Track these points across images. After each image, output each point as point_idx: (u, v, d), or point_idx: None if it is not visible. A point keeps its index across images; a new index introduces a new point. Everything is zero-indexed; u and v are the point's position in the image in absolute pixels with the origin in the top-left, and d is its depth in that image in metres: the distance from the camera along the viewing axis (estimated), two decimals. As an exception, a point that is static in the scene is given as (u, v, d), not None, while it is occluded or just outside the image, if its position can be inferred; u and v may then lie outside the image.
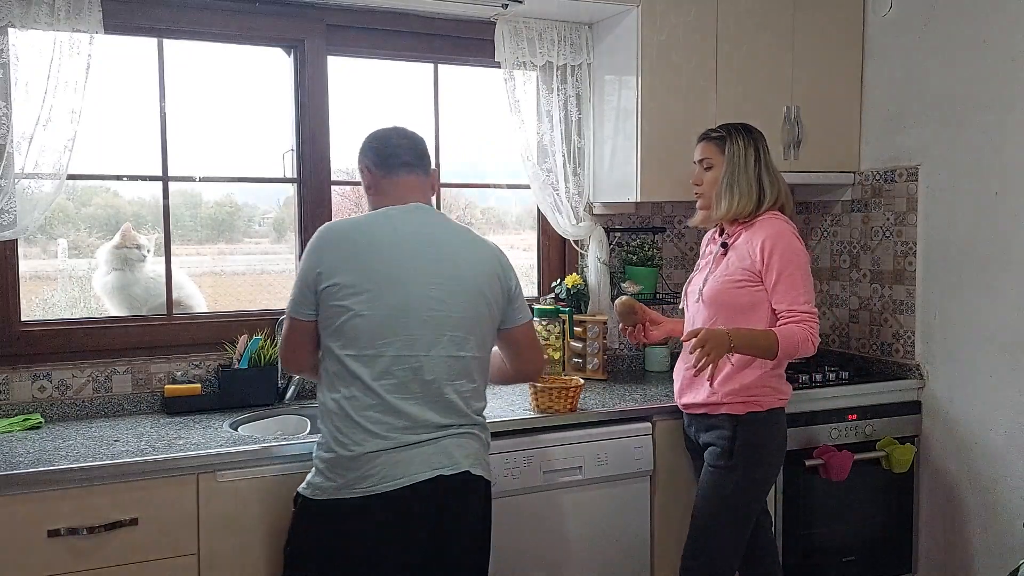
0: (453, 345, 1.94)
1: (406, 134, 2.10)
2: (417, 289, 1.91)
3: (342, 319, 1.89)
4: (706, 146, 2.49)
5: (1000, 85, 2.80)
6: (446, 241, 2.00)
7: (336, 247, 1.92)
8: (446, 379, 1.93)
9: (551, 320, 2.97)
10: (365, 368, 1.88)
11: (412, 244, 1.95)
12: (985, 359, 2.88)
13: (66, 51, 2.42)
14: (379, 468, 1.86)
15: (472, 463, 1.96)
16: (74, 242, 2.81)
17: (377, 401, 1.88)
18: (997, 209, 2.83)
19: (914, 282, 3.11)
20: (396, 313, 1.89)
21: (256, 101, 2.92)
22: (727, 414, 2.39)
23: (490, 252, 2.07)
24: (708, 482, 2.42)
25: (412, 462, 1.88)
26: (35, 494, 1.98)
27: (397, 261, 1.92)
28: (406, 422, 1.89)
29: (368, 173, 2.08)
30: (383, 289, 1.89)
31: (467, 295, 1.96)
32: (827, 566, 2.97)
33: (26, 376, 2.52)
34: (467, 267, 1.98)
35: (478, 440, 2.01)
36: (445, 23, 2.99)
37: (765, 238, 2.35)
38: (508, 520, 2.46)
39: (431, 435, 1.91)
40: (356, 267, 1.90)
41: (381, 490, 1.86)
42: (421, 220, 2.00)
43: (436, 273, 1.94)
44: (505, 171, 3.29)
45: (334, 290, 1.89)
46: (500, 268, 2.05)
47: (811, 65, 3.16)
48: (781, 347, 2.27)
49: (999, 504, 2.86)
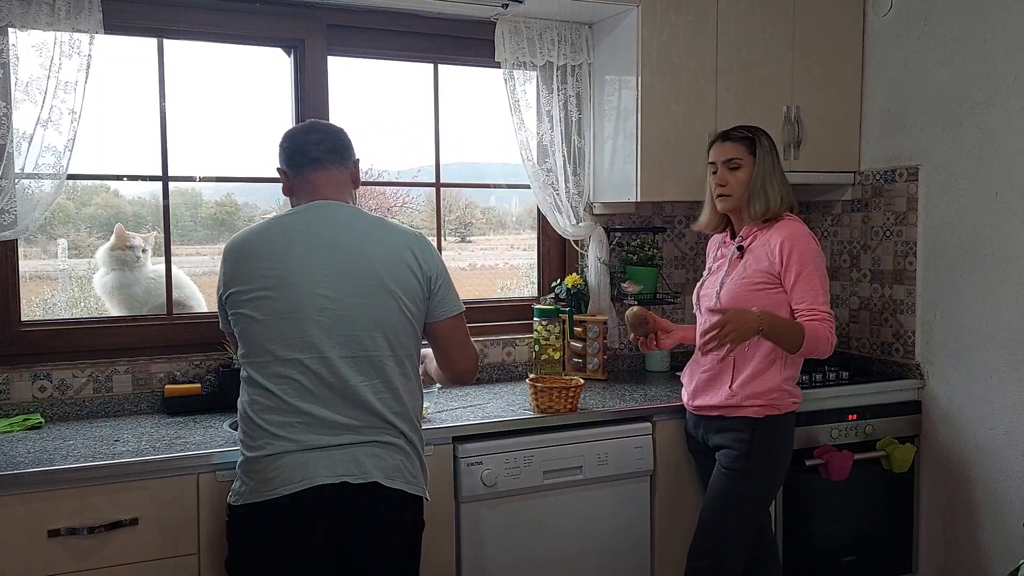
0: (353, 345, 1.86)
1: (317, 127, 2.04)
2: (307, 289, 1.85)
3: (240, 326, 1.89)
4: (734, 146, 2.46)
5: (1000, 85, 2.80)
6: (343, 237, 1.90)
7: (231, 258, 1.92)
8: (352, 379, 1.85)
9: (551, 320, 2.97)
10: (262, 372, 1.85)
11: (303, 244, 1.88)
12: (985, 359, 2.88)
13: (66, 51, 2.42)
14: (282, 470, 1.81)
15: (387, 475, 1.87)
16: (74, 242, 2.81)
17: (278, 403, 1.84)
18: (997, 209, 2.83)
19: (914, 282, 3.11)
20: (287, 316, 1.85)
21: (256, 101, 2.92)
22: (744, 417, 2.39)
23: (401, 242, 1.94)
24: (721, 484, 2.42)
25: (317, 464, 1.82)
26: (35, 494, 1.98)
27: (284, 264, 1.87)
28: (309, 420, 1.83)
29: (283, 174, 2.03)
30: (272, 293, 1.85)
31: (363, 290, 1.87)
32: (827, 566, 2.97)
33: (26, 376, 2.52)
34: (363, 261, 1.88)
35: (402, 452, 1.91)
36: (445, 23, 2.99)
37: (784, 239, 2.36)
38: (508, 520, 2.47)
39: (340, 438, 1.84)
40: (248, 274, 1.88)
41: (283, 492, 1.80)
42: (316, 218, 1.93)
43: (326, 271, 1.86)
44: (505, 171, 3.30)
45: (232, 299, 1.90)
46: (413, 259, 1.93)
47: (811, 65, 3.16)
48: (806, 342, 2.27)
49: (999, 504, 2.86)
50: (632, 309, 2.57)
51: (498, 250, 3.54)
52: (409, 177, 3.24)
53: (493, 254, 3.53)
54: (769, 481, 2.43)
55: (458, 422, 2.45)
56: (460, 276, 3.37)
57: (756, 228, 2.45)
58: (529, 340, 3.12)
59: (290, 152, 2.00)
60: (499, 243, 3.54)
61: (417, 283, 1.93)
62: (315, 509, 1.82)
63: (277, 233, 1.92)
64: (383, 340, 1.89)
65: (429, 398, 2.54)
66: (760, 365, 2.38)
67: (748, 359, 2.39)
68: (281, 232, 1.92)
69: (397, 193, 3.35)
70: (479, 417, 2.51)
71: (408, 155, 3.18)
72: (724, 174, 2.46)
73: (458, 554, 2.43)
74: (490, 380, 3.09)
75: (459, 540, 2.42)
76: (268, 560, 1.84)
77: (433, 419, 2.47)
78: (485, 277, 3.48)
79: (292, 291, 1.85)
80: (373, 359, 1.88)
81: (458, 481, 2.40)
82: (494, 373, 3.11)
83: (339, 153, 2.01)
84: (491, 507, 2.45)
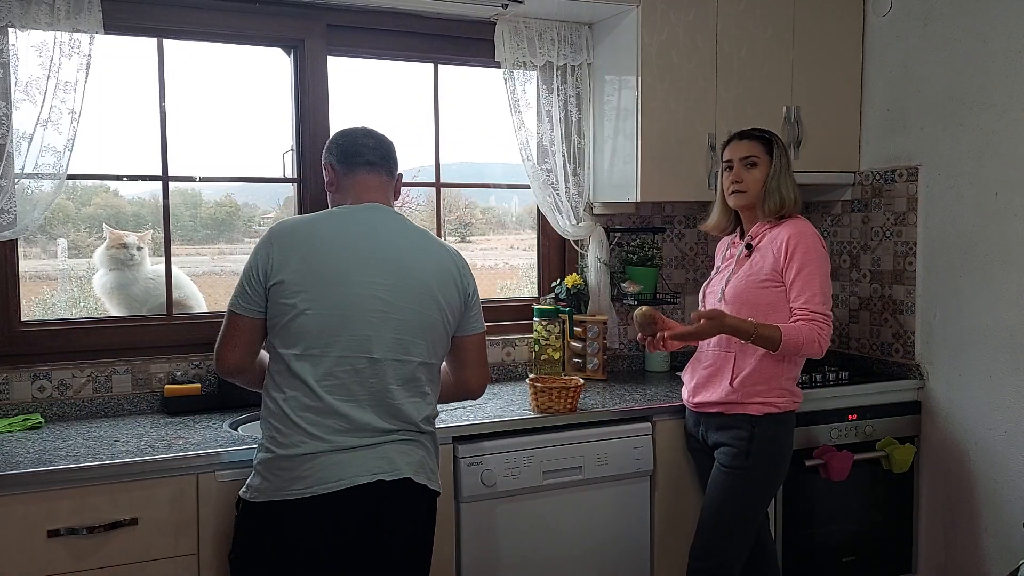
0: (399, 348, 1.88)
1: (374, 135, 2.06)
2: (362, 289, 1.86)
3: (286, 318, 1.85)
4: (751, 144, 2.49)
5: (1000, 85, 2.80)
6: (399, 243, 1.94)
7: (283, 244, 1.88)
8: (392, 383, 1.88)
9: (551, 320, 2.97)
10: (307, 368, 1.84)
11: (361, 244, 1.89)
12: (985, 359, 2.88)
13: (66, 51, 2.42)
14: (316, 470, 1.81)
15: (415, 471, 1.91)
16: (74, 242, 2.81)
17: (317, 402, 1.83)
18: (997, 209, 2.83)
19: (914, 282, 3.11)
20: (339, 313, 1.84)
21: (256, 101, 2.92)
22: (744, 414, 2.39)
23: (448, 257, 2.00)
24: (721, 482, 2.42)
25: (351, 465, 1.83)
26: (35, 494, 1.98)
27: (343, 260, 1.87)
28: (346, 425, 1.84)
29: (331, 169, 2.04)
30: (327, 288, 1.84)
31: (416, 298, 1.91)
32: (827, 566, 2.97)
33: (26, 376, 2.52)
34: (418, 270, 1.93)
35: (424, 449, 1.95)
36: (445, 23, 2.99)
37: (789, 236, 2.38)
38: (508, 520, 2.47)
39: (373, 439, 1.86)
40: (302, 265, 1.85)
41: (317, 492, 1.81)
42: (374, 220, 1.95)
43: (383, 274, 1.88)
44: (505, 171, 3.30)
45: (280, 288, 1.85)
46: (458, 273, 2.00)
47: (811, 65, 3.16)
48: (784, 343, 2.29)
49: (999, 504, 2.86)
50: (641, 309, 2.52)
51: (498, 250, 3.54)
52: (409, 177, 3.24)
53: (493, 254, 3.53)
54: (769, 479, 2.43)
55: (458, 422, 2.45)
56: (460, 276, 3.36)
57: (766, 227, 2.46)
58: (529, 340, 3.12)
59: (344, 149, 2.02)
60: (499, 243, 3.54)
61: (459, 297, 1.99)
62: (350, 508, 1.83)
63: (336, 226, 1.91)
64: (425, 348, 1.93)
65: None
66: (760, 363, 2.38)
67: (748, 357, 2.39)
68: (341, 226, 1.91)
69: (397, 193, 3.35)
70: (479, 417, 2.51)
71: (408, 155, 3.17)
72: (740, 171, 2.48)
73: (458, 554, 2.43)
74: (490, 380, 3.08)
75: (459, 540, 2.42)
76: (287, 559, 1.83)
77: (433, 419, 2.47)
78: (485, 277, 3.48)
79: (347, 289, 1.85)
80: (413, 364, 1.91)
81: (458, 481, 2.40)
82: (494, 373, 3.11)
83: (390, 162, 2.05)
84: (491, 507, 2.45)
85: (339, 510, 1.83)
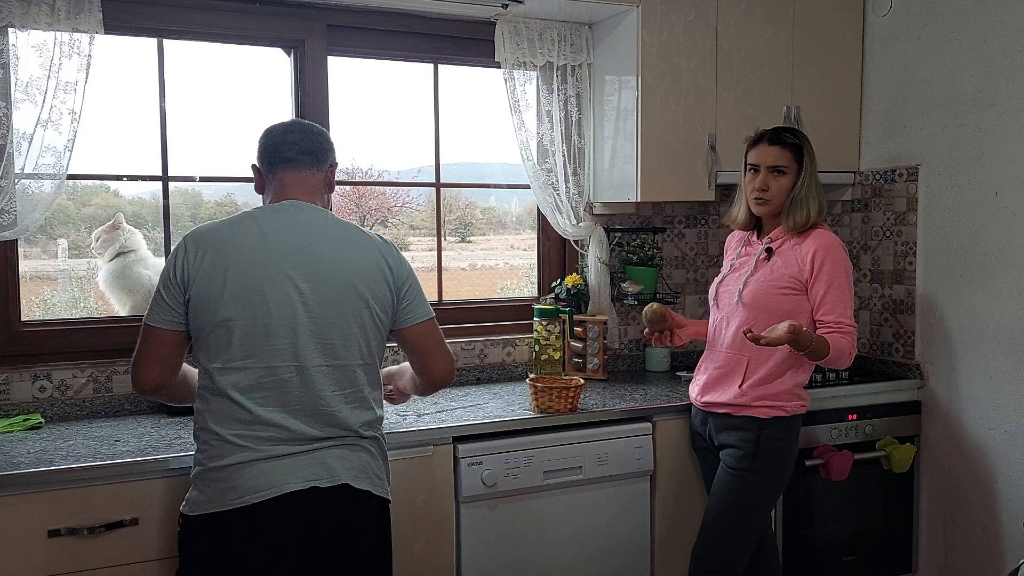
0: (328, 353, 1.81)
1: (297, 127, 1.97)
2: (280, 295, 1.78)
3: (206, 331, 1.78)
4: (781, 152, 2.40)
5: (1000, 85, 2.80)
6: (317, 241, 1.84)
7: (199, 252, 1.80)
8: (325, 390, 1.80)
9: (551, 320, 2.97)
10: (233, 381, 1.77)
11: (277, 248, 1.81)
12: (985, 359, 2.88)
13: (66, 51, 2.42)
14: (247, 479, 1.75)
15: (355, 476, 1.82)
16: (74, 242, 2.81)
17: (247, 415, 1.77)
18: (997, 209, 2.83)
19: (914, 282, 3.11)
20: (260, 323, 1.77)
21: (256, 101, 2.92)
22: (752, 417, 2.39)
23: (373, 249, 1.89)
24: (727, 484, 2.42)
25: (283, 472, 1.76)
26: (35, 494, 1.98)
27: (260, 266, 1.79)
28: (278, 434, 1.77)
29: (256, 172, 1.97)
30: (246, 297, 1.77)
31: (339, 298, 1.82)
32: (827, 566, 2.97)
33: (26, 376, 2.52)
34: (339, 268, 1.83)
35: (367, 453, 1.87)
36: (445, 23, 2.99)
37: (817, 249, 2.35)
38: (508, 520, 2.47)
39: (306, 446, 1.79)
40: (218, 274, 1.77)
41: (248, 502, 1.74)
42: (291, 220, 1.85)
43: (302, 276, 1.80)
44: (505, 171, 3.30)
45: (198, 299, 1.78)
46: (385, 265, 1.89)
47: (811, 65, 3.17)
48: (831, 354, 2.28)
49: (999, 504, 2.86)
50: (651, 306, 2.52)
51: (498, 250, 3.54)
52: (409, 177, 3.25)
53: (493, 254, 3.53)
54: (774, 482, 2.43)
55: (458, 422, 2.45)
56: (460, 276, 3.37)
57: (787, 232, 2.43)
58: (529, 340, 3.12)
59: (265, 149, 1.94)
60: (499, 243, 3.54)
61: (389, 291, 1.89)
62: (285, 516, 1.76)
63: (251, 231, 1.83)
64: (356, 349, 1.85)
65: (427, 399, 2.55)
66: (774, 370, 2.38)
67: (763, 363, 2.39)
68: (256, 230, 1.83)
69: (397, 193, 3.36)
70: (479, 417, 2.51)
71: (408, 155, 3.19)
72: (767, 179, 2.40)
73: (458, 554, 2.43)
74: (490, 380, 3.09)
75: (459, 540, 2.42)
76: (230, 571, 1.77)
77: (433, 419, 2.47)
78: (485, 277, 3.48)
79: (267, 296, 1.78)
80: (347, 368, 1.83)
81: (458, 481, 2.40)
82: (494, 373, 3.11)
83: (314, 155, 1.95)
84: (491, 507, 2.45)
85: (275, 519, 1.76)
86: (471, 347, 3.08)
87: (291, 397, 1.79)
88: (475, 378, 3.07)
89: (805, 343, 2.23)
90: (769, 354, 2.37)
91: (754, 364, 2.40)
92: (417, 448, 2.35)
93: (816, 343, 2.25)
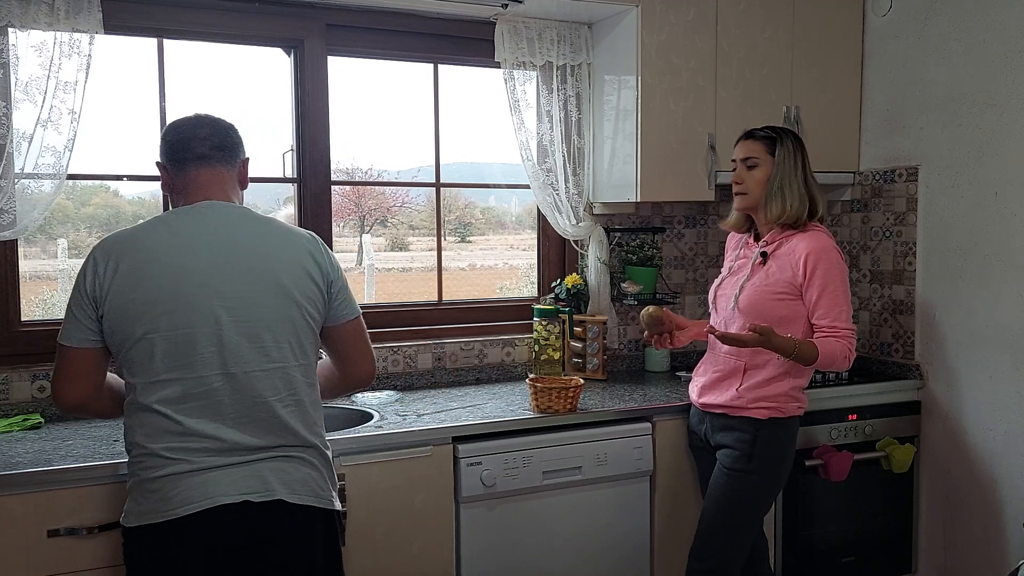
0: (260, 357, 1.72)
1: (206, 121, 1.86)
2: (202, 302, 1.69)
3: (126, 347, 1.69)
4: (752, 144, 2.43)
5: (1000, 85, 2.80)
6: (239, 241, 1.75)
7: (108, 265, 1.69)
8: (260, 395, 1.72)
9: (551, 320, 2.97)
10: (160, 395, 1.68)
11: (196, 251, 1.71)
12: (985, 359, 2.88)
13: (66, 51, 2.42)
14: (181, 491, 1.67)
15: (291, 490, 1.73)
16: (74, 242, 2.81)
17: (178, 427, 1.68)
18: (997, 209, 2.83)
19: (914, 282, 3.11)
20: (183, 333, 1.68)
21: (256, 101, 2.92)
22: (749, 418, 2.39)
23: (300, 245, 1.80)
24: (722, 484, 2.42)
25: (218, 483, 1.68)
26: (35, 494, 1.98)
27: (178, 273, 1.69)
28: (212, 445, 1.69)
29: (162, 170, 1.85)
30: (165, 307, 1.67)
31: (266, 299, 1.73)
32: (827, 566, 2.97)
33: (26, 376, 2.52)
34: (264, 267, 1.74)
35: (308, 465, 1.78)
36: (445, 23, 2.99)
37: (809, 252, 2.32)
38: (508, 520, 2.47)
39: (243, 457, 1.71)
40: (132, 287, 1.68)
41: (181, 514, 1.66)
42: (208, 221, 1.76)
43: (224, 280, 1.71)
44: (505, 171, 3.30)
45: (112, 315, 1.68)
46: (313, 262, 1.79)
47: (811, 65, 3.16)
48: (820, 359, 2.28)
49: (999, 504, 2.86)
50: (648, 309, 2.50)
51: (498, 250, 3.54)
52: (409, 177, 3.25)
53: (493, 254, 3.53)
54: (770, 483, 2.43)
55: (458, 422, 2.45)
56: (460, 276, 3.37)
57: (781, 235, 2.41)
58: (529, 340, 3.12)
59: (173, 146, 1.82)
60: (499, 243, 3.54)
61: (317, 288, 1.80)
62: (219, 529, 1.69)
63: (165, 237, 1.73)
64: (289, 350, 1.76)
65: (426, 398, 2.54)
66: (771, 374, 2.37)
67: (760, 367, 2.38)
68: (170, 235, 1.73)
69: (396, 193, 3.36)
70: (479, 417, 2.51)
71: (408, 155, 3.19)
72: (741, 171, 2.44)
73: (458, 554, 2.43)
74: (490, 380, 3.09)
75: (459, 540, 2.42)
76: None
77: (432, 419, 2.47)
78: (485, 277, 3.49)
79: (190, 304, 1.69)
80: (281, 371, 1.75)
81: (458, 481, 2.40)
82: (494, 373, 3.11)
83: (226, 151, 1.85)
84: (490, 507, 2.45)
85: (210, 531, 1.69)
86: (470, 347, 3.08)
87: (223, 406, 1.70)
88: (474, 378, 3.07)
89: (786, 349, 2.24)
90: (766, 358, 2.36)
91: (752, 368, 2.39)
92: (416, 448, 2.35)
93: (800, 348, 2.25)
